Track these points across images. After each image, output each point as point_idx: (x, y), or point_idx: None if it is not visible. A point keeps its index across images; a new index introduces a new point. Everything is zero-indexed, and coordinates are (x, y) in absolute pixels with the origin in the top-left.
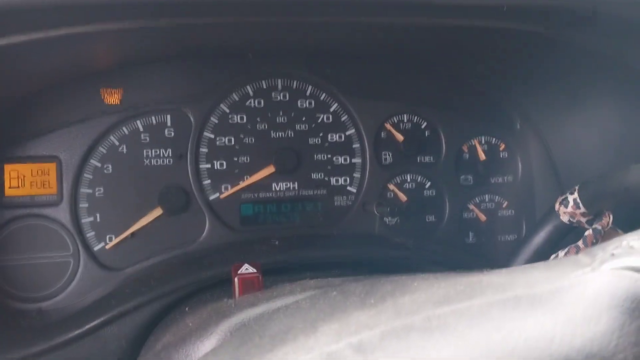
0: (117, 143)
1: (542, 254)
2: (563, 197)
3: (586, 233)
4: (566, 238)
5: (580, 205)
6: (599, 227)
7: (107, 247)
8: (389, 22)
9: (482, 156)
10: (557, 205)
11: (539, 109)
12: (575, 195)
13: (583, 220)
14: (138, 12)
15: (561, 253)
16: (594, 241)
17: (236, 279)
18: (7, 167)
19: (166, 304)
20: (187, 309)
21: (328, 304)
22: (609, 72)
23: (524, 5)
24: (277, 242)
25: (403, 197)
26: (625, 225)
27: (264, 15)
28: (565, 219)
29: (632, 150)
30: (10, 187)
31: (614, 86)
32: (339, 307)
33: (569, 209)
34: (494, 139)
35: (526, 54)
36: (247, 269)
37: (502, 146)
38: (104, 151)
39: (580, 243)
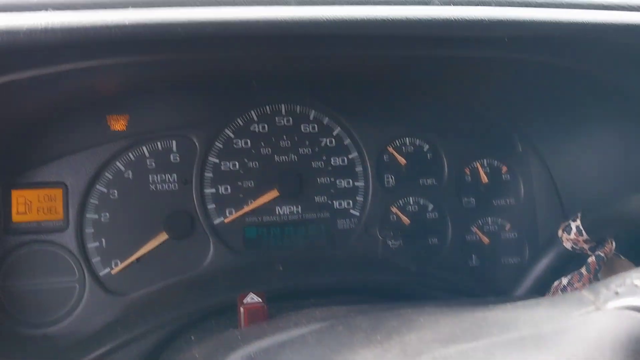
0: (123, 168)
1: (545, 280)
2: (566, 223)
3: (589, 260)
4: (569, 264)
5: (583, 232)
6: (602, 254)
7: (113, 272)
8: (391, 54)
9: (485, 179)
10: (560, 232)
11: (540, 132)
12: (578, 222)
13: (586, 247)
14: (146, 48)
15: (564, 280)
16: (597, 268)
17: (242, 309)
18: (15, 193)
19: (172, 331)
20: (192, 337)
21: (335, 339)
22: (610, 97)
23: (525, 37)
24: (280, 268)
25: (406, 220)
26: (628, 251)
27: (268, 51)
28: (568, 245)
29: (633, 174)
30: (17, 213)
31: (615, 111)
32: (346, 344)
33: (572, 235)
34: (495, 162)
35: (526, 79)
36: (252, 298)
37: (504, 169)
38: (110, 177)
39: (583, 270)
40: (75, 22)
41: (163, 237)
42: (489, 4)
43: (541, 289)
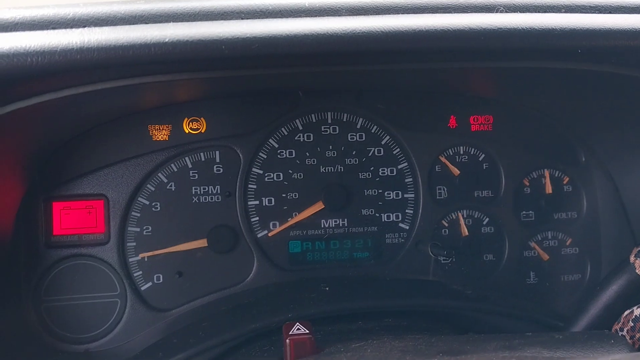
0: (165, 180)
1: (614, 310)
2: (639, 248)
3: None
4: None
5: None
6: None
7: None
8: (447, 66)
9: (549, 189)
10: (632, 258)
11: (606, 144)
12: None
13: None
14: (200, 66)
15: (637, 310)
16: None
17: (288, 341)
18: (56, 206)
19: (214, 357)
20: None
21: None
22: None
23: (595, 49)
24: (327, 288)
25: (465, 230)
26: None
27: (317, 65)
28: None
29: None
30: (58, 226)
31: None
32: None
33: None
34: (557, 172)
35: (592, 87)
36: (298, 329)
37: (566, 179)
38: (152, 188)
39: None
40: (112, 40)
41: (203, 243)
42: (559, 10)
43: (609, 319)
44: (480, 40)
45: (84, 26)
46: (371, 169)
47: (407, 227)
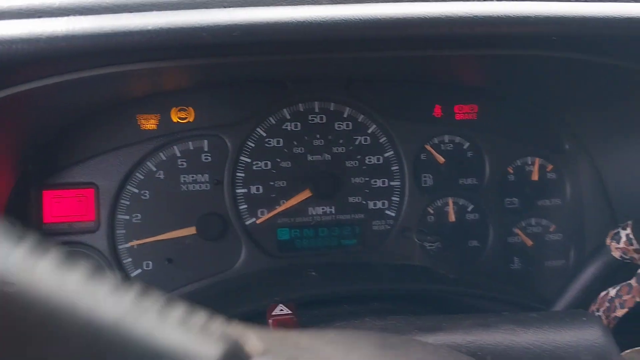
0: (154, 169)
1: (592, 291)
2: (615, 231)
3: (639, 270)
4: (617, 275)
5: (634, 241)
6: None
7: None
8: (431, 54)
9: (536, 176)
10: (608, 240)
11: (590, 131)
12: (629, 230)
13: (636, 257)
14: (171, 53)
15: (612, 291)
16: None
17: (270, 322)
18: (46, 194)
19: None
20: None
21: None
22: None
23: (572, 35)
24: (314, 273)
25: (452, 216)
26: None
27: (301, 54)
28: (617, 254)
29: None
30: (49, 214)
31: None
32: None
33: (621, 244)
34: (541, 160)
35: (576, 75)
36: (281, 309)
37: (550, 167)
38: (141, 177)
39: (633, 281)
40: (97, 28)
41: (192, 231)
42: None
43: (587, 300)
44: (459, 28)
45: (69, 15)
46: (358, 157)
47: (394, 214)
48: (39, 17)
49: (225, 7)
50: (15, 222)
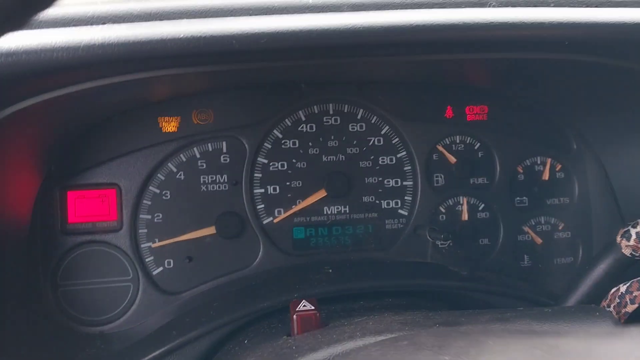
0: (174, 170)
1: (602, 287)
2: (625, 229)
3: None
4: (628, 271)
5: None
6: None
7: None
8: (445, 58)
9: (547, 175)
10: (618, 238)
11: (597, 131)
12: (638, 228)
13: None
14: (201, 60)
15: (622, 287)
16: None
17: (295, 317)
18: (71, 195)
19: (225, 334)
20: (245, 341)
21: (400, 355)
22: None
23: (586, 39)
24: (330, 270)
25: (466, 214)
26: None
27: (322, 59)
28: (627, 252)
29: None
30: (73, 214)
31: None
32: None
33: (632, 242)
34: (550, 160)
35: (583, 77)
36: (304, 305)
37: (559, 167)
38: (162, 178)
39: None
40: (131, 36)
41: (211, 231)
42: (547, 4)
43: (597, 296)
44: (473, 34)
45: (103, 23)
46: (371, 157)
47: (406, 213)
48: (75, 25)
49: (251, 14)
50: (42, 222)
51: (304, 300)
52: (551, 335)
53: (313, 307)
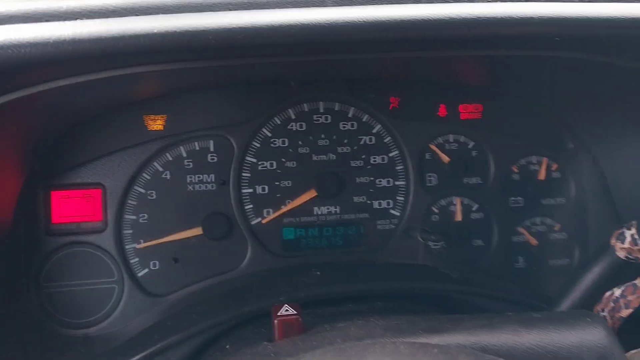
0: (160, 169)
1: (597, 291)
2: (619, 231)
3: None
4: (622, 275)
5: (639, 241)
6: None
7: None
8: (436, 55)
9: (543, 175)
10: (612, 240)
11: (593, 131)
12: (633, 230)
13: None
14: (190, 56)
15: (617, 291)
16: None
17: (276, 322)
18: (54, 194)
19: (208, 338)
20: (227, 346)
21: None
22: None
23: (574, 36)
24: (318, 273)
25: (459, 215)
26: None
27: (306, 56)
28: (621, 254)
29: None
30: (57, 215)
31: None
32: None
33: (626, 244)
34: (546, 159)
35: (578, 75)
36: (286, 310)
37: (555, 166)
38: (148, 177)
39: (638, 281)
40: (104, 32)
41: (198, 231)
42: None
43: (591, 300)
44: (461, 29)
45: (76, 18)
46: (363, 157)
47: (398, 214)
48: (46, 20)
49: (230, 9)
50: (25, 222)
51: (285, 305)
52: None
53: (295, 312)
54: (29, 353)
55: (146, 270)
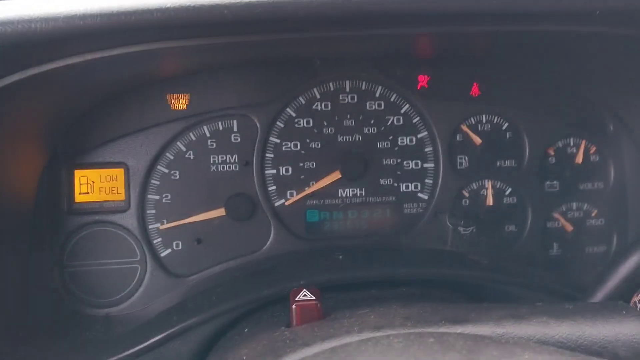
0: (184, 149)
1: (634, 281)
2: None
3: None
4: None
5: None
6: None
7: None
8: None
9: (580, 158)
10: None
11: (635, 112)
12: None
13: None
14: (205, 31)
15: None
16: None
17: (294, 307)
18: (77, 173)
19: (229, 320)
20: (246, 330)
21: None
22: None
23: (616, 10)
24: (341, 257)
25: (490, 199)
26: None
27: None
28: None
29: None
30: (80, 194)
31: None
32: None
33: None
34: (584, 142)
35: (619, 54)
36: (305, 295)
37: (593, 149)
38: (171, 157)
39: None
40: (115, 7)
41: (221, 212)
42: None
43: (628, 291)
44: (494, 4)
45: None
46: (390, 138)
47: (427, 197)
48: None
49: None
50: (48, 201)
51: (304, 290)
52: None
53: (314, 297)
54: (48, 331)
55: (169, 250)
